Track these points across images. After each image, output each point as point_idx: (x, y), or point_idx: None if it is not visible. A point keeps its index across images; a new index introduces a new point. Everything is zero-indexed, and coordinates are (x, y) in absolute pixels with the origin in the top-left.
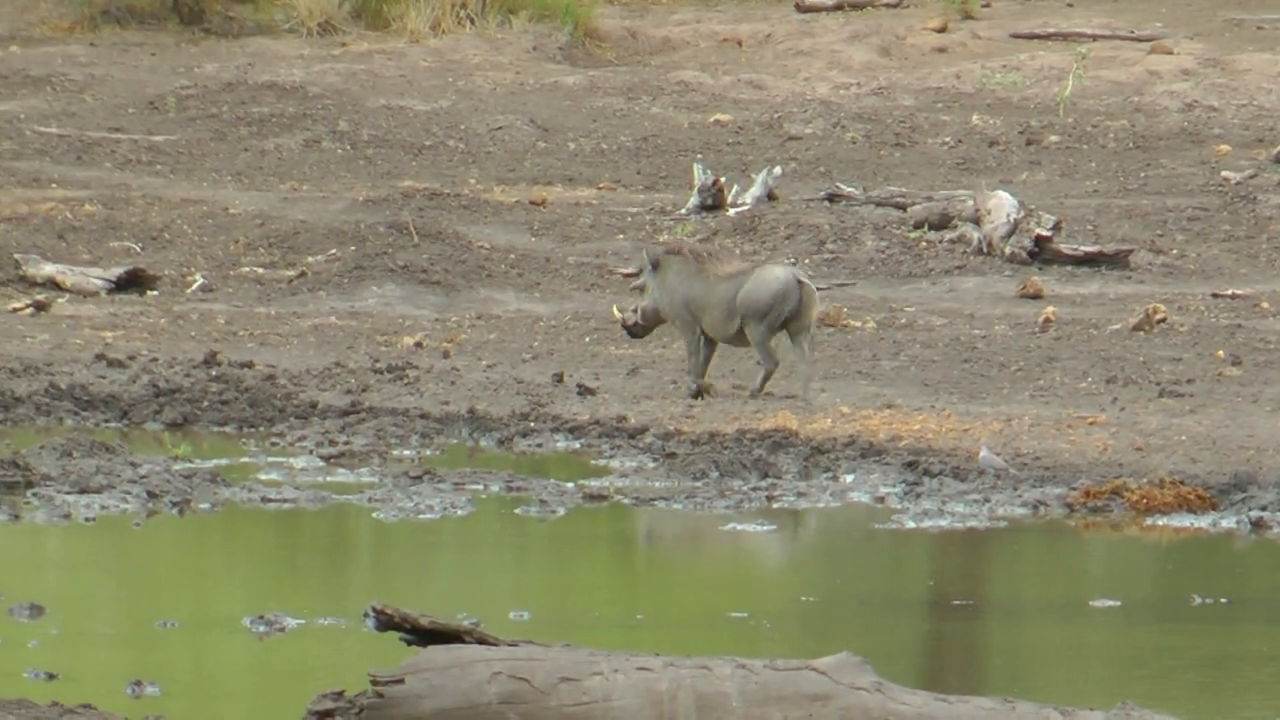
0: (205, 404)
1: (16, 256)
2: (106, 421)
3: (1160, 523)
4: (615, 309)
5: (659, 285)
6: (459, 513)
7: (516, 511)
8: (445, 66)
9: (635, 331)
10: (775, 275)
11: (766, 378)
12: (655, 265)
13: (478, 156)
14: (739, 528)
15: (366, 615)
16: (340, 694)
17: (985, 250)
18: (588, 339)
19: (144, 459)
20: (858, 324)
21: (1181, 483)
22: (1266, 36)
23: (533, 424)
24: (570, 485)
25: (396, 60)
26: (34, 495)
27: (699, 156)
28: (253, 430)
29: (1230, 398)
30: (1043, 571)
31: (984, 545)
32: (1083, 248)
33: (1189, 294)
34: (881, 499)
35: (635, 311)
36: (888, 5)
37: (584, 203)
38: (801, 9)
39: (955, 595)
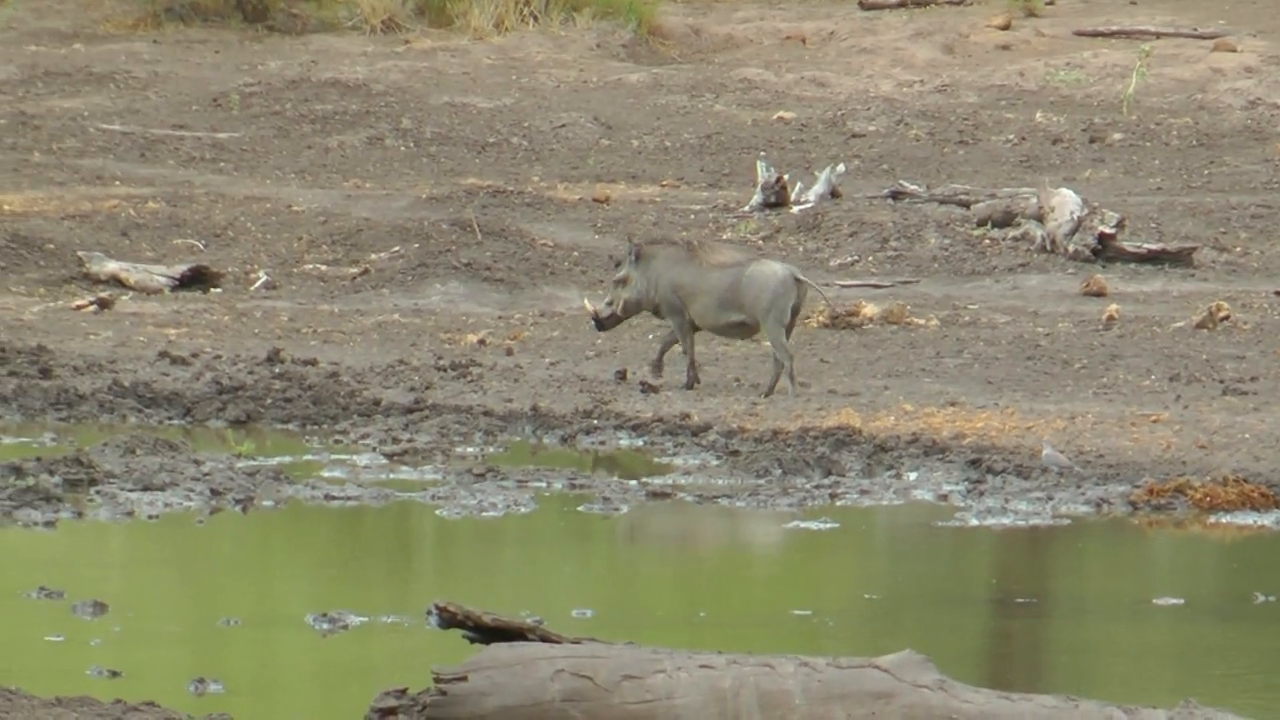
0: (268, 401)
1: (80, 254)
2: (170, 419)
3: (1223, 520)
4: (586, 301)
5: (643, 276)
6: (522, 510)
7: (579, 509)
8: (509, 64)
9: (605, 323)
10: (773, 270)
11: (780, 374)
12: (638, 256)
13: (541, 154)
14: (802, 525)
15: (430, 613)
16: (403, 691)
17: (1049, 248)
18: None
19: (207, 456)
20: (921, 322)
21: (1245, 480)
22: None
23: (596, 421)
24: (633, 483)
25: (460, 58)
26: (97, 493)
27: (762, 154)
28: (316, 428)
29: None
30: (1106, 569)
31: (1047, 543)
32: (1146, 245)
33: (1252, 291)
34: (945, 497)
35: (610, 304)
36: (951, 3)
37: (647, 200)
38: (865, 6)
39: (1018, 593)
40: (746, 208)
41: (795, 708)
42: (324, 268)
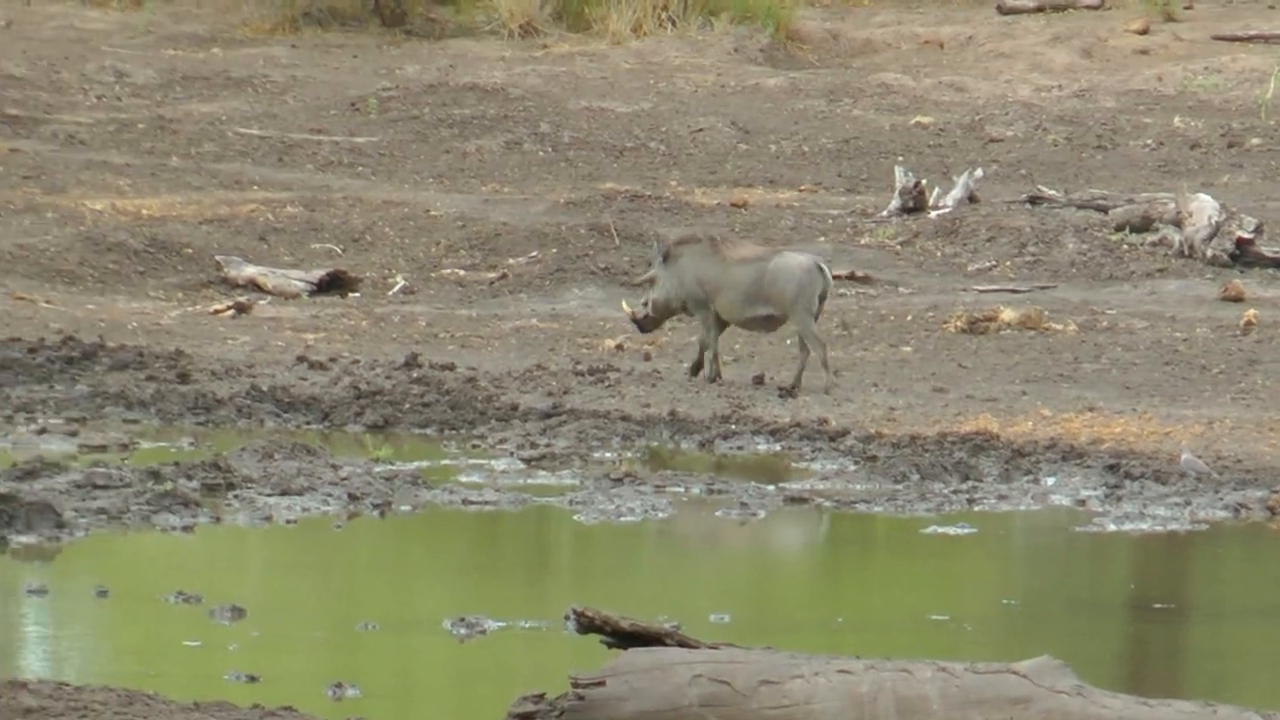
0: (406, 406)
1: (218, 258)
2: (307, 423)
3: None
4: (625, 303)
5: (670, 275)
6: (659, 515)
7: (717, 514)
8: (646, 68)
9: (645, 325)
10: (797, 261)
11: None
12: (665, 256)
13: (679, 158)
14: (939, 530)
15: (567, 617)
16: (541, 696)
17: (1186, 253)
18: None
19: (345, 461)
20: (1059, 327)
21: None
22: None
23: (733, 426)
24: (771, 488)
25: (598, 62)
26: (235, 497)
27: (900, 159)
28: (454, 432)
29: None
30: (1244, 574)
31: (1185, 548)
32: None
33: None
34: (1082, 502)
35: (646, 305)
36: (1089, 7)
37: (785, 205)
38: (1003, 11)
39: (1156, 598)
40: (884, 213)
41: (933, 713)
42: (462, 272)
